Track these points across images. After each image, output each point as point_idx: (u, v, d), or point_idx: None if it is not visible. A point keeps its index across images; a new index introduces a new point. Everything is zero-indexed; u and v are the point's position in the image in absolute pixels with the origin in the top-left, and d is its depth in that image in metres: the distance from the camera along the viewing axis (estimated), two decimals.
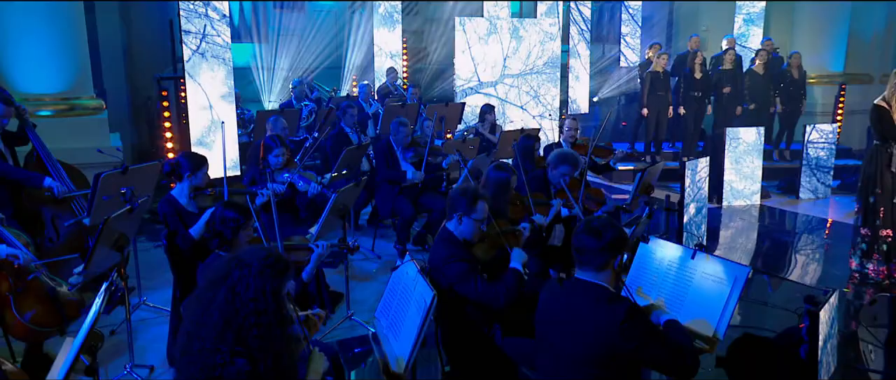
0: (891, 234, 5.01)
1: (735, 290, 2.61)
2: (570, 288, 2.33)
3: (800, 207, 7.74)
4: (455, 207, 3.07)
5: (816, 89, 10.41)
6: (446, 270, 2.91)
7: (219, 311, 1.98)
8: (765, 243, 6.69)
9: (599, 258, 2.24)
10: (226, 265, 2.07)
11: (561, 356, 2.27)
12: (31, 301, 3.41)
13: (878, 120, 4.94)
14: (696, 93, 8.96)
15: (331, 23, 10.53)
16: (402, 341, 2.64)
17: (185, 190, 3.99)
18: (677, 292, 2.79)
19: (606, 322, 2.15)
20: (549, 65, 9.07)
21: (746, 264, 2.71)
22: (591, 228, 2.27)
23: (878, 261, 5.07)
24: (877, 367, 3.96)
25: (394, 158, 5.97)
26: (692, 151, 9.15)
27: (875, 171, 5.01)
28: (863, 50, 10.99)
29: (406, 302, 2.75)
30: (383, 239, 6.24)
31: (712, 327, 2.62)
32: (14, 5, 5.51)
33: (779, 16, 10.96)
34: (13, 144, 4.49)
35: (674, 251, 2.90)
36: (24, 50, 5.63)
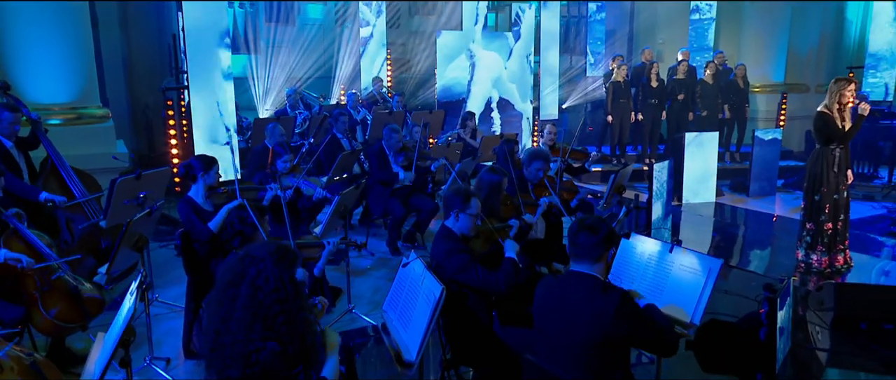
0: (831, 227, 5.13)
1: (709, 280, 2.71)
2: (566, 279, 2.39)
3: (749, 203, 7.86)
4: (451, 206, 3.12)
5: (760, 97, 10.68)
6: (449, 262, 2.95)
7: (243, 306, 1.98)
8: (721, 237, 6.75)
9: (595, 252, 2.31)
10: (239, 264, 2.06)
11: (559, 342, 2.33)
12: (56, 299, 3.40)
13: (824, 125, 5.00)
14: (653, 100, 9.13)
15: (320, 35, 10.48)
16: (412, 332, 2.68)
17: (200, 190, 3.99)
18: (657, 283, 2.89)
19: (601, 311, 2.21)
20: (522, 74, 9.21)
21: (718, 257, 2.82)
22: (587, 225, 2.33)
23: (822, 252, 5.17)
24: (823, 346, 4.09)
25: (386, 161, 5.99)
26: (652, 154, 9.33)
27: (820, 171, 5.07)
28: (800, 63, 11.33)
29: (414, 296, 2.78)
30: (375, 237, 6.26)
31: (689, 315, 2.72)
32: (27, 21, 5.40)
33: (727, 33, 11.23)
34: (27, 150, 4.42)
35: (653, 246, 2.99)
36: (36, 62, 5.52)
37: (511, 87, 9.47)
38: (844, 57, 11.80)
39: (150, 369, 3.72)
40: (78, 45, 5.76)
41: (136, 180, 4.23)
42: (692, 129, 8.34)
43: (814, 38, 11.47)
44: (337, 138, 6.71)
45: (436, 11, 11.10)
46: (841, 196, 5.09)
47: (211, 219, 3.88)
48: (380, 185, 5.91)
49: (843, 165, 5.07)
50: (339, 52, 10.26)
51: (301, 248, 3.30)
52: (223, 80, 6.60)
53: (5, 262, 3.17)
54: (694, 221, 7.12)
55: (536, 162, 4.39)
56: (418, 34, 10.95)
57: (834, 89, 4.99)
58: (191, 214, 3.90)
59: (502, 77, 9.26)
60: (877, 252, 6.00)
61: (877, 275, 5.40)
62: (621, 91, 9.03)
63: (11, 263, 3.19)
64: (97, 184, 4.76)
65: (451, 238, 3.06)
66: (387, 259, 5.74)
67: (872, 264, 5.63)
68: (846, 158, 5.10)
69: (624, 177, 5.13)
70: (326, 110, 8.44)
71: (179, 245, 4.02)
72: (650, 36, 11.57)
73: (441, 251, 3.00)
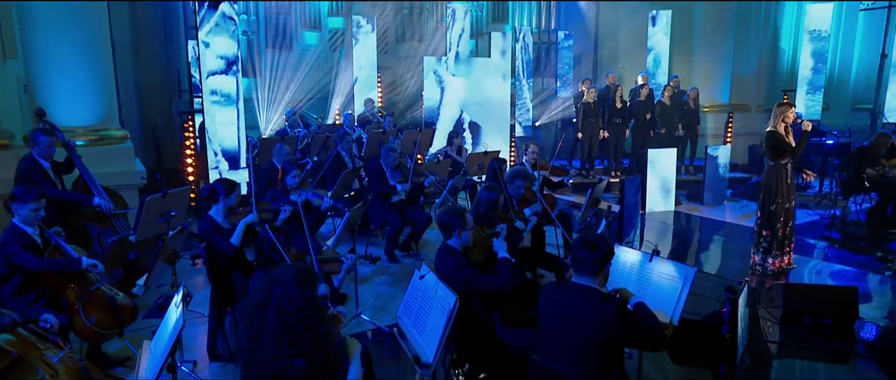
0: (782, 231, 5.27)
1: (685, 286, 2.85)
2: (570, 289, 2.48)
3: (704, 211, 7.98)
4: (452, 226, 3.21)
5: (709, 116, 10.96)
6: (458, 275, 3.04)
7: (272, 327, 2.01)
8: (680, 242, 6.81)
9: (595, 267, 2.41)
10: (266, 287, 2.08)
11: (563, 344, 2.43)
12: (95, 308, 3.42)
13: (776, 143, 5.11)
14: (618, 119, 9.33)
15: (316, 59, 10.50)
16: (428, 337, 2.74)
17: (220, 210, 4.00)
18: (639, 290, 2.99)
19: (602, 319, 2.32)
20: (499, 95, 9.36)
21: (692, 265, 2.96)
22: (589, 242, 2.43)
23: (776, 256, 5.30)
24: (774, 339, 4.23)
25: (384, 177, 6.05)
26: (618, 168, 9.54)
27: (775, 184, 5.18)
28: (743, 85, 11.66)
29: (429, 305, 2.84)
30: (373, 246, 6.29)
31: (668, 317, 2.85)
32: (56, 51, 5.36)
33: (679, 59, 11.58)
34: (61, 173, 4.40)
35: (634, 256, 3.12)
36: (63, 88, 5.48)
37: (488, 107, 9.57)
38: (780, 81, 12.28)
39: (179, 371, 3.71)
40: (100, 72, 5.73)
41: (163, 198, 4.23)
42: (653, 145, 8.53)
43: (754, 64, 11.86)
44: (341, 156, 6.76)
45: (423, 39, 11.24)
46: (791, 205, 5.26)
47: (228, 235, 3.92)
48: (378, 199, 5.98)
49: (793, 178, 5.26)
50: (335, 78, 10.30)
51: (322, 262, 3.35)
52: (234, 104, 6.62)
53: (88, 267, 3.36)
54: (658, 228, 7.22)
55: (518, 180, 4.54)
56: (407, 59, 11.04)
57: (778, 112, 5.15)
58: (213, 232, 3.92)
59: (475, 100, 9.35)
60: (810, 254, 6.21)
61: (811, 274, 5.58)
62: (591, 111, 9.18)
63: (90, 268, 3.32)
64: (123, 200, 4.75)
65: (455, 254, 3.16)
66: (386, 266, 5.77)
67: (809, 264, 5.84)
68: (798, 169, 5.30)
69: (599, 191, 5.29)
70: (327, 130, 8.46)
71: (205, 258, 4.05)
72: (613, 61, 11.88)
73: (449, 267, 3.09)
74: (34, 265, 3.25)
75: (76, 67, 5.50)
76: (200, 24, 6.27)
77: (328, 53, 10.74)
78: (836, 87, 12.25)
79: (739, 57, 11.48)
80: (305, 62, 10.31)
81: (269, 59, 10.03)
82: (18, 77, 5.76)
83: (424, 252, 6.14)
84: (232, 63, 6.69)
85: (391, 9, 11.03)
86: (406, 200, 6.04)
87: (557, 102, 11.10)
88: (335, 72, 10.35)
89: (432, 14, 11.41)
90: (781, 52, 12.43)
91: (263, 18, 10.19)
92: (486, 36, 11.01)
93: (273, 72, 9.86)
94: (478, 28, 11.54)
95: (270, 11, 10.22)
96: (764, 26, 11.97)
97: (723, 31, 11.10)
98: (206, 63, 6.33)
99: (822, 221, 7.44)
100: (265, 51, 10.03)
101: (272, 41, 10.21)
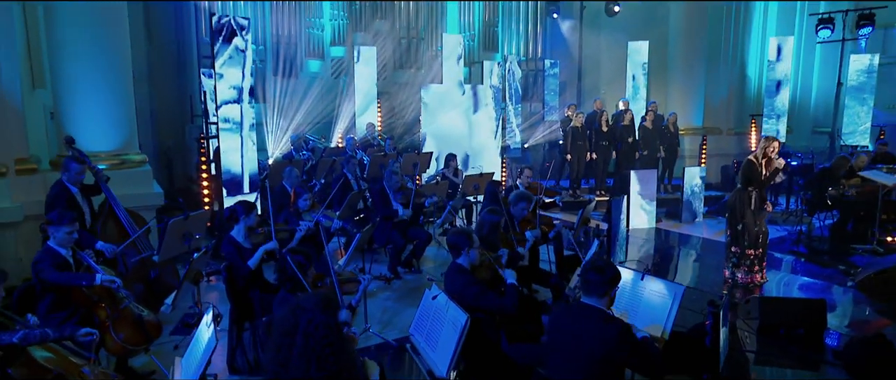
0: (753, 252, 5.46)
1: (675, 303, 2.94)
2: (578, 309, 2.55)
3: (682, 228, 8.09)
4: (460, 247, 3.27)
5: (686, 139, 11.16)
6: (467, 292, 3.10)
7: (299, 353, 2.02)
8: (663, 257, 6.90)
9: (601, 289, 2.48)
10: (292, 315, 2.09)
11: (568, 360, 2.49)
12: (124, 325, 3.44)
13: (748, 171, 5.30)
14: (604, 142, 9.52)
15: (319, 85, 10.59)
16: (441, 353, 2.80)
17: (241, 231, 4.06)
18: (632, 305, 3.09)
19: (607, 337, 2.38)
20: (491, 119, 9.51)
21: (680, 283, 3.05)
22: (597, 267, 2.49)
23: (745, 271, 5.48)
24: (751, 348, 4.31)
25: (387, 199, 6.12)
26: (603, 186, 9.66)
27: (739, 206, 5.40)
28: (714, 110, 11.95)
29: (440, 323, 2.90)
30: (377, 263, 6.32)
31: (662, 328, 2.94)
32: (81, 81, 5.41)
33: (657, 86, 11.83)
34: (89, 195, 4.43)
35: (628, 274, 3.19)
36: (88, 116, 5.51)
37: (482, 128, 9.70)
38: (748, 106, 12.57)
39: None
40: (122, 100, 5.76)
41: (185, 221, 4.27)
42: (636, 166, 8.68)
43: (723, 91, 12.16)
44: (348, 179, 6.81)
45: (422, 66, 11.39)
46: (759, 227, 5.42)
47: (250, 256, 3.96)
48: (382, 219, 6.04)
49: (759, 203, 5.41)
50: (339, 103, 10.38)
51: (342, 282, 3.40)
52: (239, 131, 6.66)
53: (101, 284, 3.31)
54: (640, 244, 7.30)
55: (522, 203, 4.63)
56: (405, 85, 11.17)
57: (763, 144, 5.36)
58: (234, 254, 3.96)
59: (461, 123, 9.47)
60: (780, 267, 6.33)
61: (780, 286, 5.68)
62: (578, 134, 9.33)
63: (107, 284, 3.31)
64: (144, 220, 4.77)
65: (464, 273, 3.22)
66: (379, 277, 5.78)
67: (779, 277, 5.95)
68: (762, 198, 5.43)
69: (588, 211, 5.40)
70: (332, 153, 8.51)
71: (224, 277, 4.08)
72: (595, 88, 12.12)
73: (459, 285, 3.15)
74: (53, 278, 3.27)
75: (100, 96, 5.54)
76: (216, 55, 6.34)
77: (331, 80, 10.83)
78: (798, 113, 12.55)
79: (711, 84, 11.78)
80: (312, 89, 10.40)
81: (276, 85, 10.10)
82: (45, 106, 5.78)
83: (426, 268, 6.19)
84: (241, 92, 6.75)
85: (390, 39, 11.18)
86: (408, 219, 6.11)
87: (545, 126, 11.27)
88: (338, 98, 10.43)
89: (428, 45, 11.58)
90: (748, 80, 12.75)
91: (271, 48, 10.28)
92: (478, 64, 11.19)
93: (280, 98, 9.94)
94: (470, 57, 11.72)
95: (277, 41, 10.32)
96: (732, 56, 12.30)
97: (695, 60, 11.41)
98: (220, 93, 6.39)
99: (789, 236, 7.59)
100: (273, 78, 10.09)
101: (279, 69, 10.29)
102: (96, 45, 5.44)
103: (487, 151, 9.54)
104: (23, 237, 5.05)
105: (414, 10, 11.26)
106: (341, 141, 9.75)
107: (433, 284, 3.19)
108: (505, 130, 10.30)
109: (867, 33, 10.18)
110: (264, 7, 10.11)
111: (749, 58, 12.70)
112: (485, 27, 11.96)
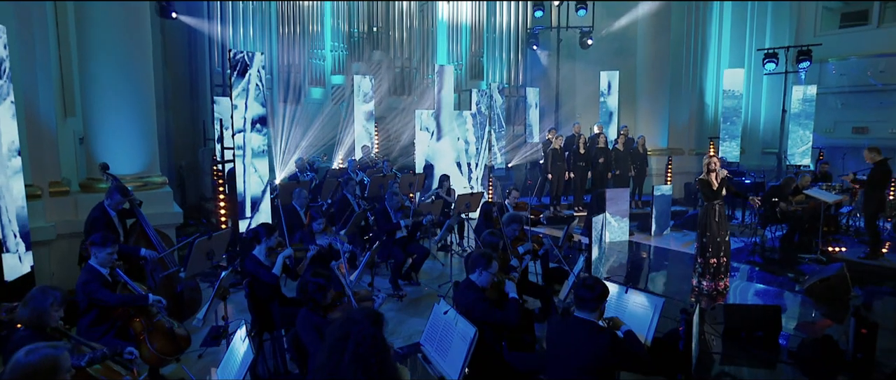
0: (716, 261, 5.61)
1: (656, 314, 3.09)
2: (573, 322, 2.67)
3: (653, 241, 8.18)
4: (476, 265, 3.35)
5: (653, 159, 11.45)
6: (476, 307, 3.20)
7: (350, 360, 2.07)
8: (636, 267, 6.96)
9: (592, 304, 2.61)
10: (343, 326, 2.15)
11: (567, 367, 2.61)
12: (158, 336, 3.48)
13: (703, 188, 5.54)
14: (581, 163, 9.72)
15: (321, 111, 10.67)
16: (451, 362, 2.86)
17: (262, 250, 4.12)
18: (618, 315, 3.20)
19: (599, 347, 2.51)
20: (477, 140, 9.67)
21: (661, 295, 3.18)
22: (588, 285, 2.62)
23: (709, 280, 5.63)
24: (717, 350, 4.45)
25: (389, 218, 6.18)
26: (581, 202, 9.84)
27: (706, 221, 5.60)
28: (678, 133, 12.31)
29: (450, 335, 2.97)
30: (378, 276, 6.36)
31: (645, 337, 3.08)
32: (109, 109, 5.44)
33: (626, 111, 12.15)
34: (125, 218, 4.47)
35: (614, 288, 3.33)
36: (115, 141, 5.55)
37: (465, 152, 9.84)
38: (706, 130, 12.98)
39: None
40: (146, 127, 5.80)
41: (209, 240, 4.31)
42: (610, 185, 8.87)
43: (685, 115, 12.54)
44: (347, 199, 6.88)
45: (413, 93, 11.54)
46: (722, 239, 5.61)
47: (271, 269, 4.03)
48: (384, 236, 6.12)
49: (723, 216, 5.62)
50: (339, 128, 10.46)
51: (359, 300, 3.47)
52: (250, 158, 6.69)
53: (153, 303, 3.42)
54: (615, 256, 7.41)
55: (514, 224, 4.76)
56: (401, 111, 11.30)
57: (705, 162, 5.61)
58: (258, 267, 4.04)
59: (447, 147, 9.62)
60: (736, 275, 6.48)
61: (739, 293, 5.85)
62: (558, 156, 9.49)
63: (155, 303, 3.41)
64: (170, 239, 4.80)
65: (475, 289, 3.31)
66: (391, 294, 5.87)
67: (738, 284, 6.12)
68: (722, 210, 5.64)
69: (572, 228, 5.56)
70: (335, 175, 8.56)
71: (246, 292, 4.14)
72: (572, 113, 12.41)
73: (469, 300, 3.24)
74: (111, 300, 3.31)
75: (126, 123, 5.58)
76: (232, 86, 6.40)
77: (332, 106, 10.92)
78: (749, 135, 13.00)
79: (674, 110, 12.15)
80: (314, 114, 10.47)
81: (284, 111, 10.16)
82: (75, 132, 5.78)
83: (423, 281, 6.26)
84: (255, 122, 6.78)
85: (386, 68, 11.34)
86: (407, 236, 6.20)
87: (526, 148, 11.47)
88: (339, 123, 10.51)
89: (421, 73, 11.75)
90: (706, 106, 13.17)
91: (276, 76, 10.34)
92: (466, 92, 11.39)
93: (285, 123, 9.98)
94: (459, 84, 11.91)
95: (282, 70, 10.39)
96: (692, 85, 12.72)
97: (660, 89, 11.79)
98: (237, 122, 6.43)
99: (746, 247, 7.77)
100: (278, 104, 10.15)
101: (283, 96, 10.35)
102: (124, 76, 5.49)
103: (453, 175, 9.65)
104: (56, 254, 5.04)
105: (407, 41, 11.44)
106: (342, 162, 9.81)
107: (442, 299, 3.28)
108: (490, 152, 10.47)
109: (805, 67, 10.64)
110: (272, 39, 10.20)
111: (707, 86, 13.15)
112: (471, 57, 12.19)
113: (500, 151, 10.83)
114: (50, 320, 2.67)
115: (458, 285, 3.63)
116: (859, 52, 11.69)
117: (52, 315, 2.67)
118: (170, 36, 9.23)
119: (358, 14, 10.95)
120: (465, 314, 3.09)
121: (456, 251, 6.78)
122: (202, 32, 9.42)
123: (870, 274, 6.35)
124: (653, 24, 11.75)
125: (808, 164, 11.07)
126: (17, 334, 2.61)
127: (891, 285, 6.10)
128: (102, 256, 3.37)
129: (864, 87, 11.54)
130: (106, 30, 5.25)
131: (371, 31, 11.10)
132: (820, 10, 12.43)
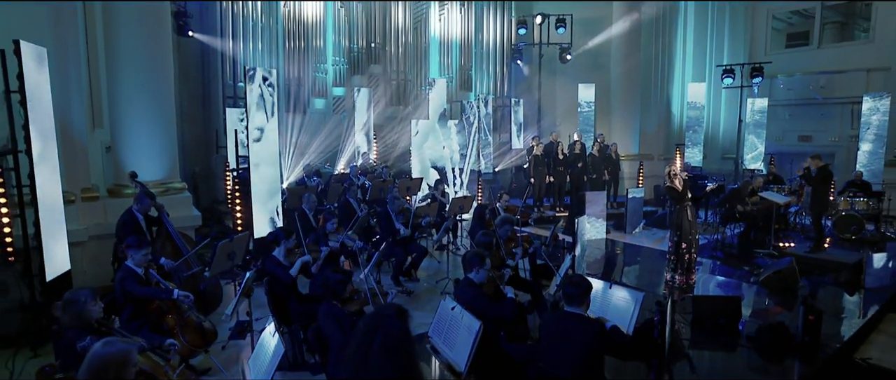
0: (689, 257, 5.75)
1: (637, 306, 3.22)
2: (563, 316, 2.78)
3: (627, 238, 8.32)
4: (473, 265, 3.45)
5: (625, 164, 11.63)
6: (475, 303, 3.29)
7: (377, 351, 2.02)
8: (612, 262, 7.08)
9: (580, 299, 2.72)
10: (372, 319, 2.11)
11: (561, 356, 2.73)
12: (189, 330, 3.53)
13: (671, 193, 5.73)
14: (561, 168, 9.89)
15: (324, 120, 10.68)
16: (458, 353, 2.95)
17: (281, 252, 4.19)
18: (602, 309, 3.33)
19: (588, 337, 2.63)
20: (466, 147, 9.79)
21: (641, 289, 3.30)
22: (574, 282, 2.73)
23: (680, 274, 5.77)
24: (686, 337, 4.55)
25: (390, 220, 6.27)
26: (560, 204, 9.96)
27: (680, 222, 5.75)
28: (648, 139, 12.52)
29: (456, 327, 3.06)
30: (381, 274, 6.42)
31: (626, 329, 3.21)
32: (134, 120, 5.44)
33: (602, 119, 12.37)
34: (151, 225, 4.49)
35: (597, 284, 3.45)
36: (139, 150, 5.57)
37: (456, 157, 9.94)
38: (673, 137, 13.28)
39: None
40: (168, 137, 5.82)
41: (231, 242, 4.35)
42: (587, 188, 9.03)
43: (654, 124, 12.78)
44: (350, 202, 6.93)
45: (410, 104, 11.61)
46: (693, 235, 5.78)
47: (289, 269, 4.11)
48: (386, 236, 6.19)
49: (694, 216, 5.78)
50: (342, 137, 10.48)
51: (373, 296, 3.55)
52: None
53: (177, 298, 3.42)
54: (594, 252, 7.53)
55: (506, 226, 4.88)
56: (398, 120, 11.36)
57: (666, 170, 5.80)
58: (277, 267, 4.10)
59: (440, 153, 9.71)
60: (698, 267, 6.52)
61: (704, 284, 5.99)
62: (539, 161, 9.65)
63: (181, 299, 3.43)
64: (193, 241, 4.83)
65: (473, 286, 3.41)
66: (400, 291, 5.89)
67: (703, 277, 6.26)
68: (694, 211, 5.81)
69: (558, 229, 5.69)
70: (338, 179, 8.59)
71: (266, 289, 4.20)
72: (552, 122, 12.60)
73: (469, 296, 3.33)
74: (139, 292, 3.35)
75: (150, 133, 5.60)
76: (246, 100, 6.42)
77: (333, 116, 10.94)
78: (711, 142, 13.33)
79: (644, 119, 12.38)
80: (318, 123, 10.47)
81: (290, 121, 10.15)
82: (103, 142, 5.76)
83: (422, 277, 6.34)
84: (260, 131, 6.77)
85: (383, 81, 11.39)
86: (407, 237, 6.29)
87: (512, 153, 11.61)
88: (341, 132, 10.54)
89: (415, 86, 11.83)
90: (673, 116, 13.47)
91: (282, 87, 10.33)
92: (457, 103, 11.49)
93: (290, 132, 9.98)
94: (450, 95, 12.01)
95: (287, 82, 10.39)
96: (660, 97, 13.00)
97: (632, 99, 12.03)
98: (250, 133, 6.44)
99: (709, 243, 7.95)
100: (284, 114, 10.14)
101: (290, 106, 10.34)
102: (147, 91, 5.50)
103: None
104: (88, 254, 5.04)
105: (403, 56, 11.52)
106: (345, 168, 9.84)
107: (447, 296, 3.37)
108: (479, 157, 10.59)
109: (758, 82, 10.97)
110: (278, 54, 10.19)
111: (673, 98, 13.45)
112: (461, 70, 12.30)
113: (487, 157, 10.96)
114: (91, 315, 2.70)
115: (458, 282, 3.73)
116: (803, 69, 12.10)
117: (91, 310, 2.70)
118: (185, 52, 9.18)
119: (357, 31, 10.98)
120: (467, 310, 3.18)
121: (452, 250, 6.89)
122: (215, 49, 9.39)
123: (815, 266, 6.53)
124: (625, 42, 12.00)
125: (761, 168, 11.43)
126: (70, 331, 2.65)
127: (832, 275, 6.30)
128: (138, 257, 3.42)
129: (807, 100, 11.96)
130: (132, 50, 5.27)
131: (369, 47, 11.14)
132: (769, 31, 12.84)
